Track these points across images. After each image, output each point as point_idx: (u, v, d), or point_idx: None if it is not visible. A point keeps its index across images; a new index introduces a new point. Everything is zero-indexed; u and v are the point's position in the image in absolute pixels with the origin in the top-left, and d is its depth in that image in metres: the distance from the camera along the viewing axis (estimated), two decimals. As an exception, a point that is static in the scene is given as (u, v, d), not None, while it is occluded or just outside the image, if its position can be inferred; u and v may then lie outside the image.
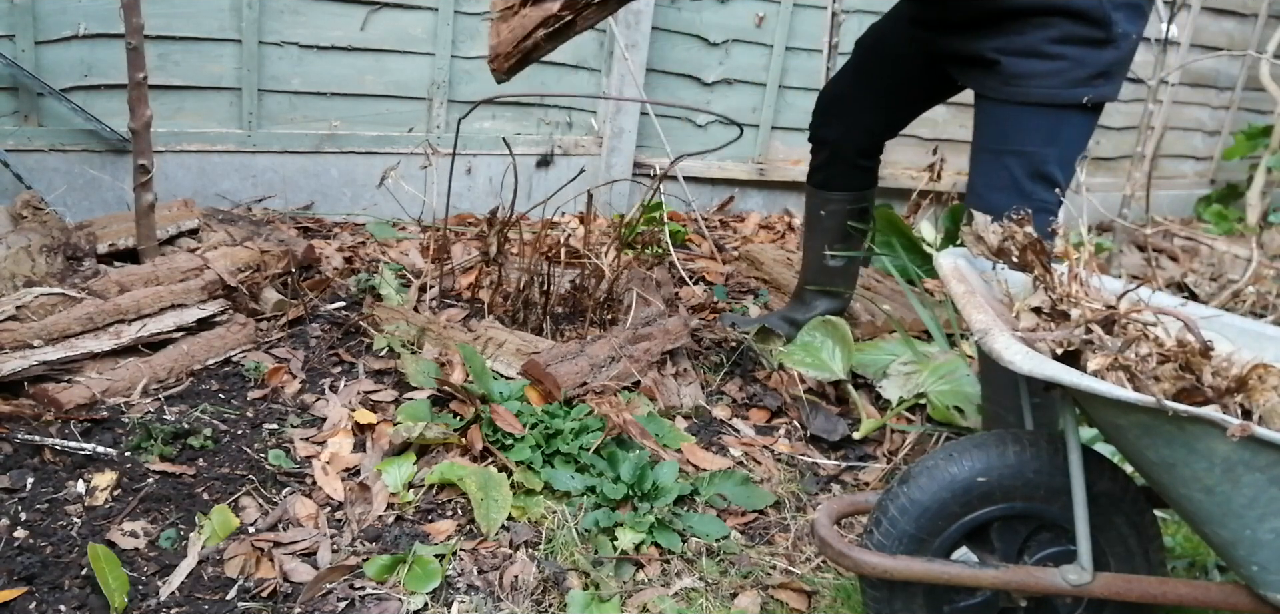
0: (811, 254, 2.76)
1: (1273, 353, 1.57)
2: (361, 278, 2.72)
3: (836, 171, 2.59)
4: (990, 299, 1.55)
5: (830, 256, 2.70)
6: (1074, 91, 1.99)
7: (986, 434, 1.61)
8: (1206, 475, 1.33)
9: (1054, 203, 2.06)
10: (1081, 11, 1.94)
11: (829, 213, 2.65)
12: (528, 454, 2.05)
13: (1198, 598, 1.52)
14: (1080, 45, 1.97)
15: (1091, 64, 1.99)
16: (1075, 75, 1.99)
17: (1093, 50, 1.98)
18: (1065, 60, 1.98)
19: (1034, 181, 2.04)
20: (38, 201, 2.59)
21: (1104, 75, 2.01)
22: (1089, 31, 1.96)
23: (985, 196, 2.07)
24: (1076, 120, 2.03)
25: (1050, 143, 2.03)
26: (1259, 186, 4.63)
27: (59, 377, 2.12)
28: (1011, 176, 2.05)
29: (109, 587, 1.61)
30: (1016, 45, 1.99)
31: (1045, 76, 1.99)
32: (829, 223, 2.67)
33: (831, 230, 2.68)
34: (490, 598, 1.75)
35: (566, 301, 2.81)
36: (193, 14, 2.94)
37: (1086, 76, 1.99)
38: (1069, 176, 2.07)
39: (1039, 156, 2.03)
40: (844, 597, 1.88)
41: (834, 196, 2.62)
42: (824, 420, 2.48)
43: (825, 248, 2.70)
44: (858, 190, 2.62)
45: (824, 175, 2.62)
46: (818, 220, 2.69)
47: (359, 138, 3.32)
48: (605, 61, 3.65)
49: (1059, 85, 1.99)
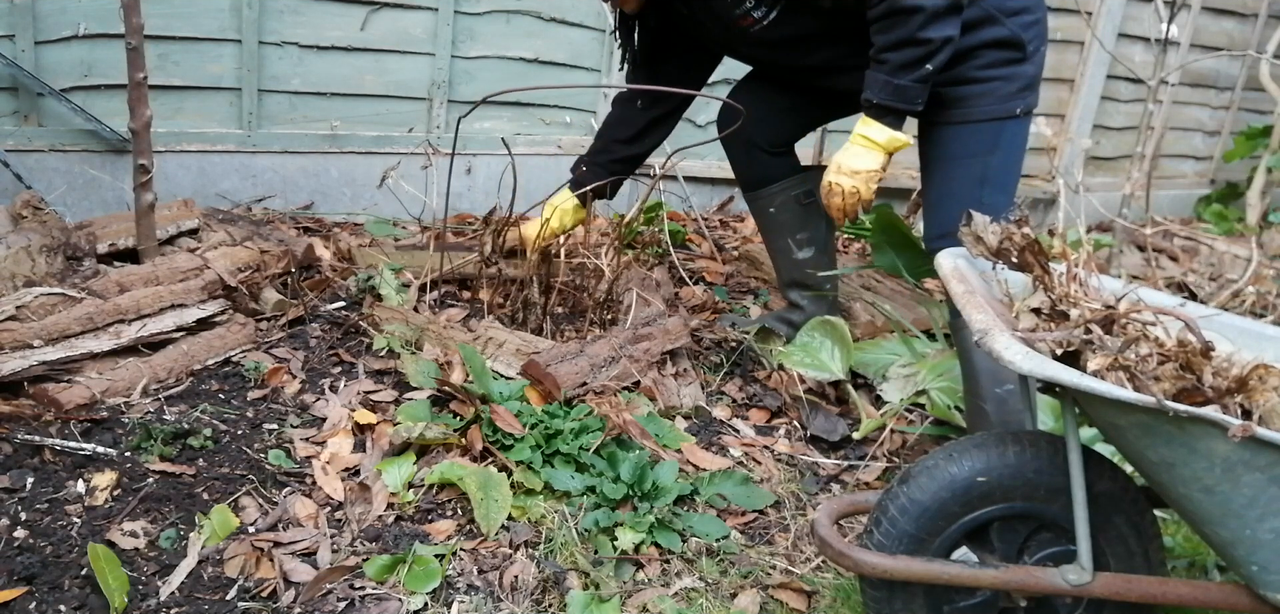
0: (779, 255, 2.82)
1: (1272, 353, 1.57)
2: (361, 278, 2.72)
3: (759, 166, 2.67)
4: (990, 299, 1.55)
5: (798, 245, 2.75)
6: (1008, 104, 2.25)
7: (986, 434, 1.61)
8: (1206, 475, 1.33)
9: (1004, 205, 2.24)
10: (999, 40, 2.21)
11: (778, 207, 2.72)
12: (528, 454, 2.05)
13: (1198, 598, 1.52)
14: (1004, 65, 2.23)
15: (1019, 78, 2.25)
16: (1006, 91, 2.24)
17: (1016, 66, 2.24)
18: (996, 81, 2.24)
19: (981, 187, 2.25)
20: (38, 201, 2.59)
21: (1029, 87, 2.28)
22: (1009, 54, 2.23)
23: (940, 207, 2.30)
24: (1012, 128, 2.27)
25: (991, 152, 2.26)
26: (1259, 186, 4.63)
27: (59, 377, 2.12)
28: (961, 186, 2.27)
29: (109, 587, 1.61)
30: (949, 78, 2.20)
31: (981, 97, 2.24)
32: (781, 216, 2.73)
33: (787, 223, 2.74)
34: (490, 598, 1.75)
35: (566, 301, 2.81)
36: (193, 14, 2.94)
37: (1016, 90, 2.25)
38: (1015, 181, 2.32)
39: (984, 165, 2.26)
40: (844, 597, 1.88)
41: (773, 189, 2.70)
42: (824, 420, 2.48)
43: (789, 240, 2.76)
44: (790, 176, 2.69)
45: (750, 174, 2.71)
46: (769, 219, 2.76)
47: (359, 138, 3.32)
48: (605, 61, 3.65)
49: (993, 101, 2.24)
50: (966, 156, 2.27)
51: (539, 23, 3.48)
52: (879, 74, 2.13)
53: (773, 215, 2.74)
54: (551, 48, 3.53)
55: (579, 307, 2.78)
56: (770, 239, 2.81)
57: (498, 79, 3.45)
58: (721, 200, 4.10)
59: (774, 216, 2.74)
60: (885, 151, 2.20)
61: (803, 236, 2.74)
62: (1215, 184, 5.49)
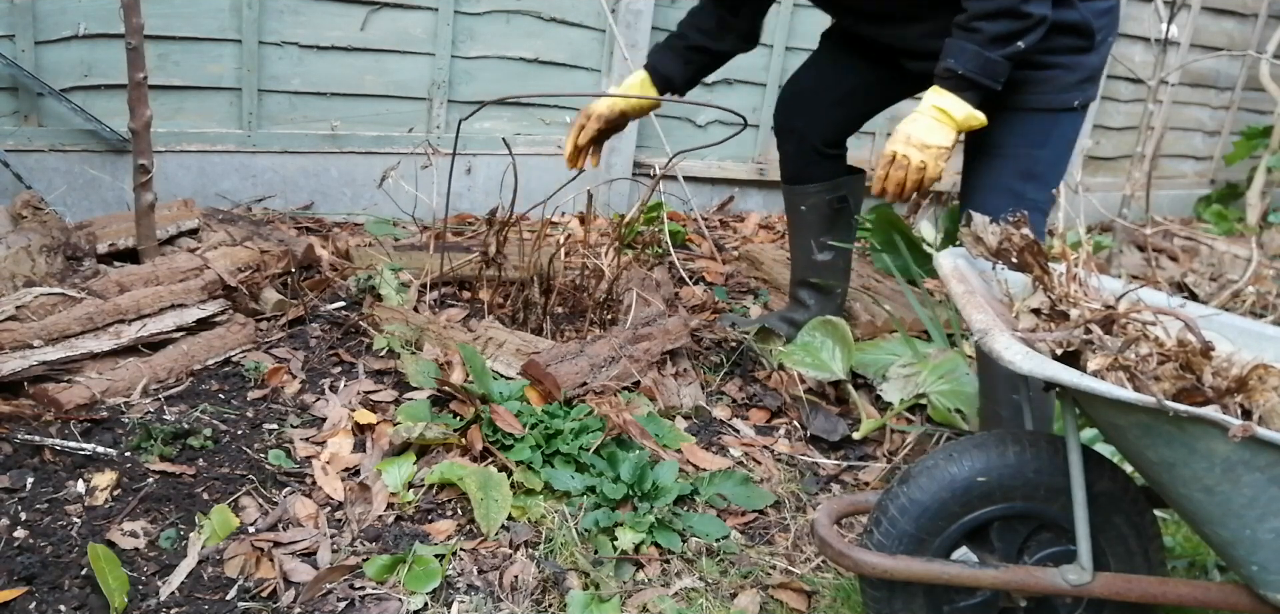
0: (799, 252, 2.79)
1: (1272, 353, 1.57)
2: (361, 278, 2.72)
3: (805, 163, 2.62)
4: (990, 299, 1.55)
5: (820, 247, 2.72)
6: (1066, 96, 2.12)
7: (986, 434, 1.61)
8: (1206, 475, 1.33)
9: (1046, 202, 2.18)
10: (1070, 24, 2.06)
11: (809, 206, 2.68)
12: (528, 454, 2.05)
13: (1198, 598, 1.52)
14: (1069, 53, 2.09)
15: (1080, 70, 2.12)
16: (1066, 81, 2.11)
17: (1081, 56, 2.11)
18: (1057, 69, 2.09)
19: (1026, 182, 2.15)
20: (38, 201, 2.59)
21: (1090, 79, 2.14)
22: (1075, 41, 2.08)
23: (979, 199, 2.16)
24: (1066, 122, 2.15)
25: (1041, 145, 2.14)
26: (1259, 186, 4.63)
27: (59, 377, 2.12)
28: (1004, 179, 2.16)
29: (109, 587, 1.61)
30: None
31: (1039, 85, 2.10)
32: (810, 216, 2.69)
33: (814, 223, 2.70)
34: (490, 598, 1.75)
35: (566, 301, 2.81)
36: (193, 14, 2.94)
37: (1076, 82, 2.12)
38: (1060, 176, 2.18)
39: (1031, 158, 2.14)
40: (844, 597, 1.88)
41: (810, 189, 2.65)
42: (824, 420, 2.48)
43: (812, 241, 2.72)
44: (830, 179, 2.65)
45: (794, 168, 2.65)
46: (799, 216, 2.72)
47: (359, 138, 3.32)
48: (605, 61, 3.65)
49: (1052, 92, 2.11)
50: (1015, 147, 2.13)
51: (539, 23, 3.48)
52: (969, 43, 1.96)
53: (803, 213, 2.70)
54: (551, 48, 3.53)
55: (579, 306, 2.78)
56: (794, 234, 2.79)
57: (498, 79, 3.46)
58: (721, 200, 4.11)
59: (804, 214, 2.70)
60: (959, 128, 2.02)
61: (825, 240, 2.71)
62: (1215, 184, 5.49)
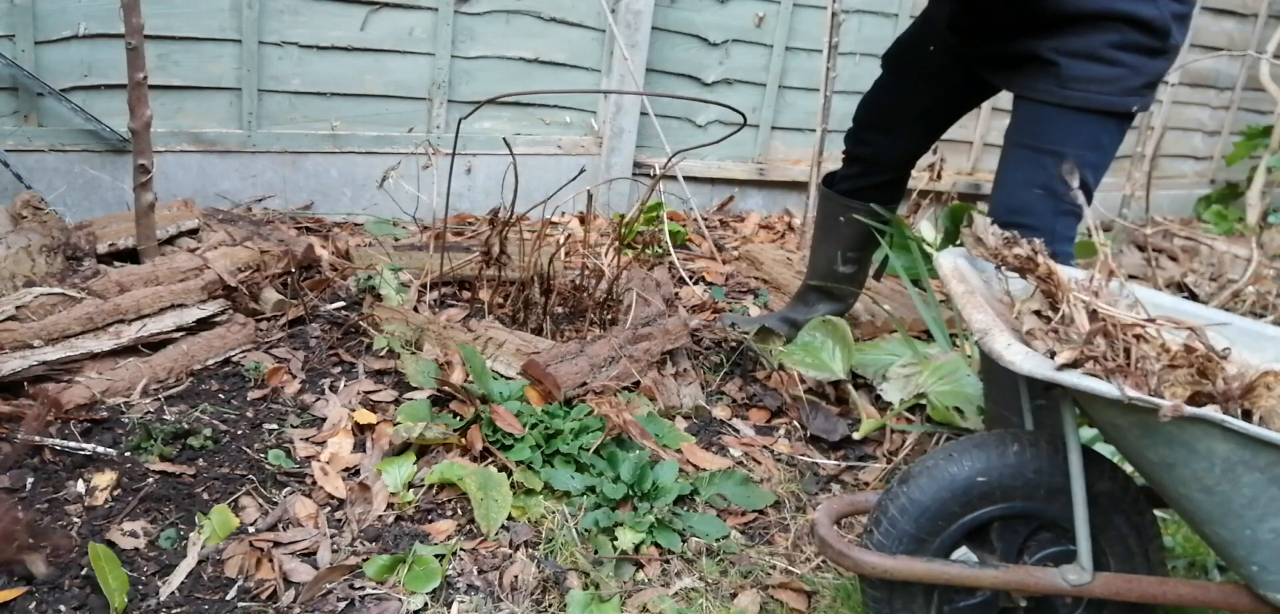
0: (822, 258, 2.72)
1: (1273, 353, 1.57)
2: (361, 278, 2.72)
3: (868, 185, 2.55)
4: (990, 299, 1.55)
5: (845, 260, 2.66)
6: (1127, 99, 1.98)
7: (986, 434, 1.61)
8: (1206, 475, 1.33)
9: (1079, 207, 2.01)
10: (1146, 21, 1.92)
11: (850, 222, 2.59)
12: (528, 454, 2.05)
13: (1198, 598, 1.52)
14: (1138, 53, 1.94)
15: (1146, 72, 1.97)
16: (1131, 83, 1.97)
17: (1149, 59, 1.96)
18: (1124, 67, 1.95)
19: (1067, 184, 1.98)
20: (38, 201, 2.59)
21: (1152, 84, 2.00)
22: (1148, 40, 1.94)
23: (1016, 193, 2.06)
24: (1114, 128, 2.02)
25: (1091, 147, 2.00)
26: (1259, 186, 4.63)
27: (59, 377, 2.12)
28: (1047, 176, 2.01)
29: (109, 587, 1.61)
30: (1075, 47, 1.96)
31: (1103, 82, 1.96)
32: (847, 230, 2.61)
33: (849, 239, 2.63)
34: (490, 598, 1.75)
35: (566, 301, 2.81)
36: (193, 14, 2.94)
37: (1140, 85, 1.97)
38: (1098, 180, 2.05)
39: (1077, 159, 1.98)
40: (844, 597, 1.88)
41: (858, 207, 2.56)
42: (824, 420, 2.48)
43: (839, 252, 2.66)
44: (886, 205, 2.57)
45: (852, 185, 2.57)
46: (835, 226, 2.63)
47: (359, 138, 3.32)
48: (605, 61, 3.65)
49: (1115, 92, 1.97)
50: (1066, 146, 1.99)
51: (539, 23, 3.48)
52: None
53: (840, 224, 2.61)
54: (551, 48, 3.53)
55: (579, 307, 2.78)
56: (820, 240, 2.71)
57: (498, 79, 3.46)
58: (721, 200, 4.11)
59: (841, 226, 2.61)
60: None
61: (852, 255, 2.66)
62: (1215, 184, 5.49)
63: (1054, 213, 2.01)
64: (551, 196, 2.75)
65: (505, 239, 2.72)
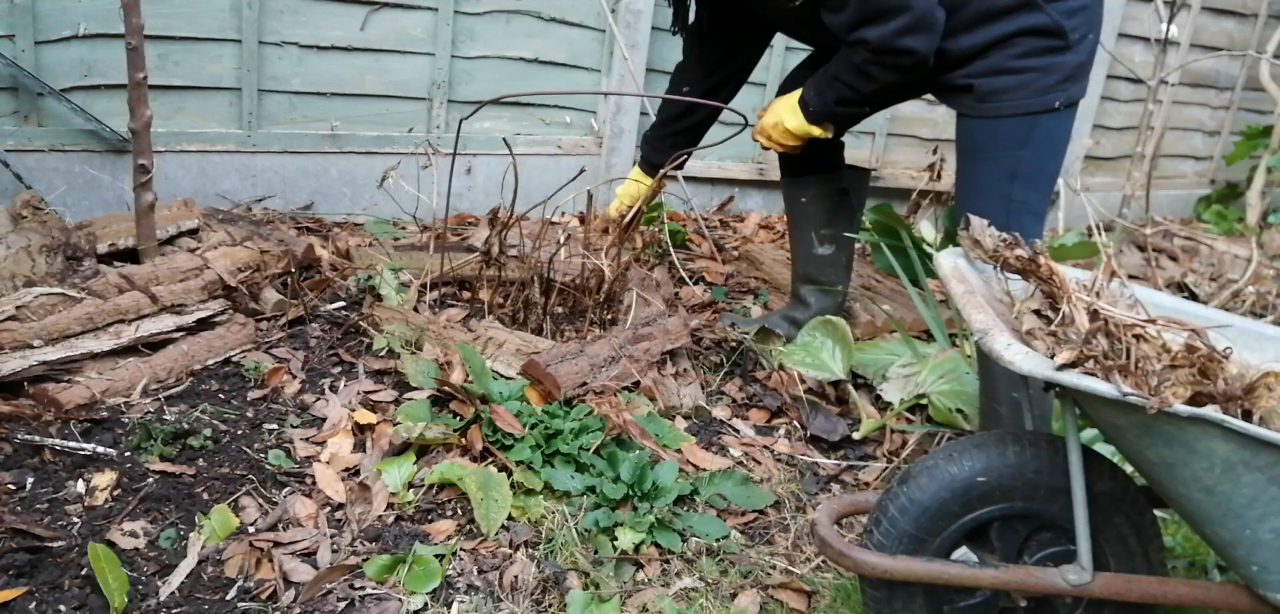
0: (800, 246, 2.81)
1: (1273, 353, 1.57)
2: (361, 278, 2.72)
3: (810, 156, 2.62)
4: (990, 299, 1.55)
5: (820, 239, 2.74)
6: (1046, 97, 2.15)
7: (986, 434, 1.61)
8: (1206, 475, 1.33)
9: (1038, 202, 2.22)
10: (1038, 27, 2.11)
11: (809, 198, 2.71)
12: (528, 454, 2.05)
13: (1198, 598, 1.52)
14: (1043, 55, 2.12)
15: (1059, 70, 2.14)
16: (1045, 82, 2.14)
17: (1057, 57, 2.13)
18: (1033, 72, 2.13)
19: (1011, 183, 2.19)
20: (38, 201, 2.59)
21: (1071, 78, 2.16)
22: (1048, 42, 2.12)
23: (969, 201, 2.23)
24: (1047, 122, 2.18)
25: (1023, 147, 2.17)
26: (1259, 186, 4.63)
27: (59, 377, 2.12)
28: (991, 181, 2.21)
29: (109, 587, 1.61)
30: (981, 69, 2.15)
31: (1017, 89, 2.15)
32: (811, 207, 2.72)
33: (815, 215, 2.72)
34: (490, 598, 1.75)
35: (566, 301, 2.81)
36: (193, 14, 2.94)
37: (1055, 82, 2.15)
38: (1051, 174, 2.23)
39: (1014, 159, 2.18)
40: (844, 597, 1.88)
41: (809, 180, 2.69)
42: (824, 420, 2.48)
43: (813, 233, 2.75)
44: (830, 172, 2.68)
45: (796, 162, 2.67)
46: (799, 208, 2.75)
47: (359, 138, 3.32)
48: (605, 61, 3.65)
49: (1030, 94, 2.15)
50: (997, 151, 2.19)
51: (539, 23, 3.48)
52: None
53: (804, 205, 2.73)
54: (551, 48, 3.53)
55: (579, 307, 2.78)
56: (795, 229, 2.82)
57: (498, 79, 3.45)
58: (721, 200, 4.10)
59: (805, 206, 2.73)
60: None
61: (826, 233, 2.74)
62: (1215, 184, 5.49)
63: (1007, 214, 2.13)
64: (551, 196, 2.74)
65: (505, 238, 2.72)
